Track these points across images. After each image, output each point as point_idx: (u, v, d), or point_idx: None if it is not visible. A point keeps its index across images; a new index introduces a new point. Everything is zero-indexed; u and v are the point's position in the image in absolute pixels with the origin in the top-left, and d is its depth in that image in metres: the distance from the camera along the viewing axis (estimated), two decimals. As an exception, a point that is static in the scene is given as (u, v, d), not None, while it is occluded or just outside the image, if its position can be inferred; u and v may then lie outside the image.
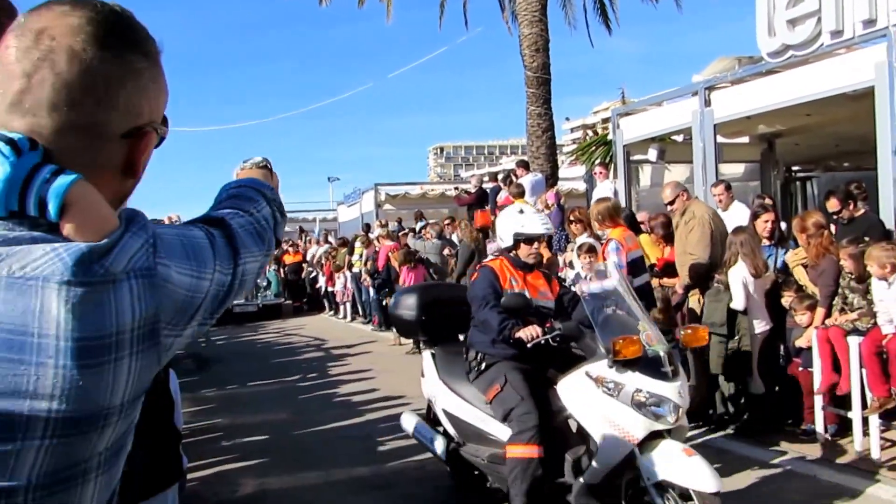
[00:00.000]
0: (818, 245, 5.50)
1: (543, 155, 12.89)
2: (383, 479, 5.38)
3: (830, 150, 11.45)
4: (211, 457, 6.20)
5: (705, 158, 8.42)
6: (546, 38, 12.87)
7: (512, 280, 4.19)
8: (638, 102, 10.59)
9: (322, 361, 11.09)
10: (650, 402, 3.52)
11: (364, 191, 19.44)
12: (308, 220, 27.42)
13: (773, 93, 7.64)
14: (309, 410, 7.83)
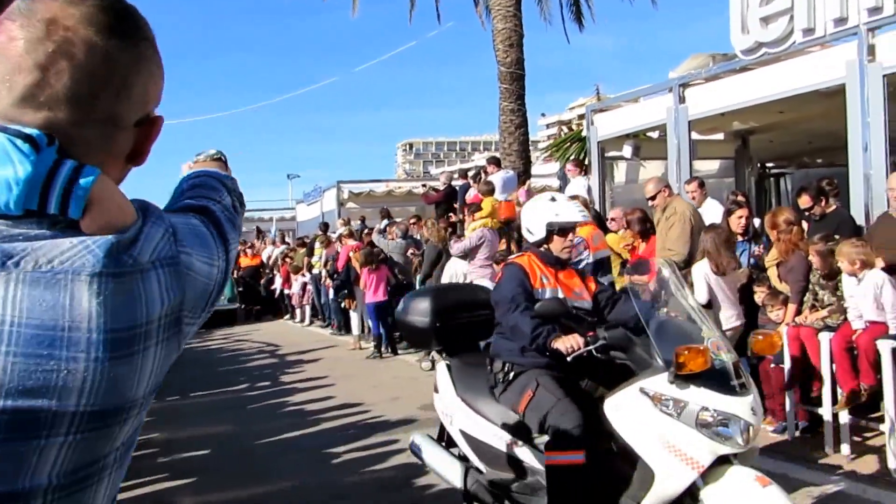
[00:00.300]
0: (788, 241, 5.76)
1: (516, 151, 13.08)
2: (336, 493, 5.34)
3: (803, 146, 11.83)
4: (146, 475, 5.95)
5: (679, 155, 8.67)
6: (520, 33, 13.07)
7: (543, 278, 3.85)
8: (613, 99, 10.82)
9: (274, 368, 11.06)
10: (717, 421, 3.11)
11: (325, 188, 19.41)
12: (264, 220, 27.27)
13: (746, 90, 7.91)
14: (257, 421, 7.74)
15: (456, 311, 4.58)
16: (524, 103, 13.36)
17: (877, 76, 6.57)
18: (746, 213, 6.63)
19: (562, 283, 3.89)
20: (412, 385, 9.04)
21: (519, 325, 3.64)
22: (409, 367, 10.34)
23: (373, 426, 7.19)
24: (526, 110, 13.40)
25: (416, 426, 6.97)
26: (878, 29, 6.64)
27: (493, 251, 8.95)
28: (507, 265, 4.09)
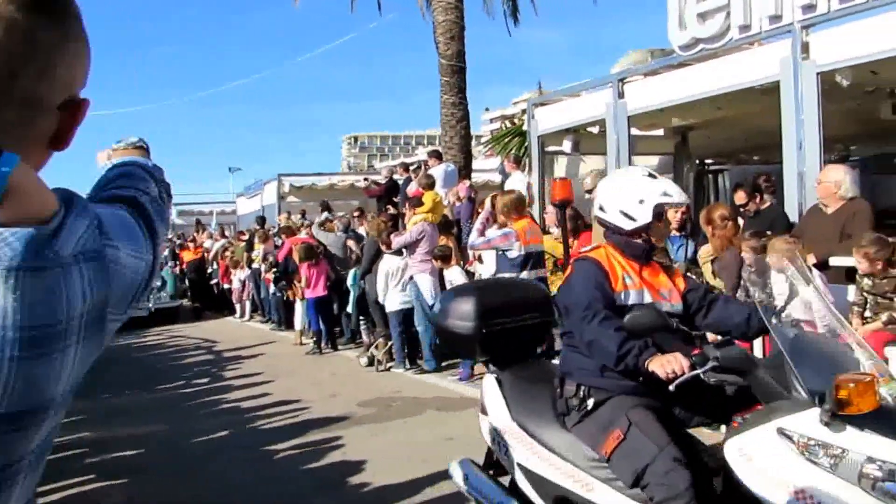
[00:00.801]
0: (722, 237, 5.77)
1: (457, 145, 12.98)
2: (270, 491, 5.28)
3: (741, 143, 12.00)
4: (73, 476, 5.82)
5: (619, 150, 8.67)
6: (461, 25, 12.96)
7: (626, 278, 3.09)
8: (553, 93, 10.80)
9: (212, 365, 10.85)
10: (887, 475, 2.36)
11: (266, 182, 19.08)
12: (205, 213, 26.76)
13: (684, 86, 7.94)
14: (192, 419, 7.60)
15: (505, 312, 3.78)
16: (465, 97, 13.26)
17: (811, 74, 6.64)
18: (683, 208, 6.63)
19: (647, 282, 3.13)
20: (351, 382, 8.98)
21: (600, 339, 2.88)
22: (349, 363, 10.23)
23: (310, 423, 7.11)
24: (467, 104, 13.32)
25: (353, 423, 6.91)
26: (813, 27, 6.71)
27: (433, 246, 8.84)
28: (580, 260, 3.23)
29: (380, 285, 9.36)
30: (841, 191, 5.66)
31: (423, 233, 9.04)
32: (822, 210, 5.83)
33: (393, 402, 7.72)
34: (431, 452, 5.83)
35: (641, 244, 3.16)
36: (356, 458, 5.86)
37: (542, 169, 10.40)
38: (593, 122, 9.74)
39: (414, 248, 9.02)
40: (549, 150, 10.53)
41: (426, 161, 11.98)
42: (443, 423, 6.74)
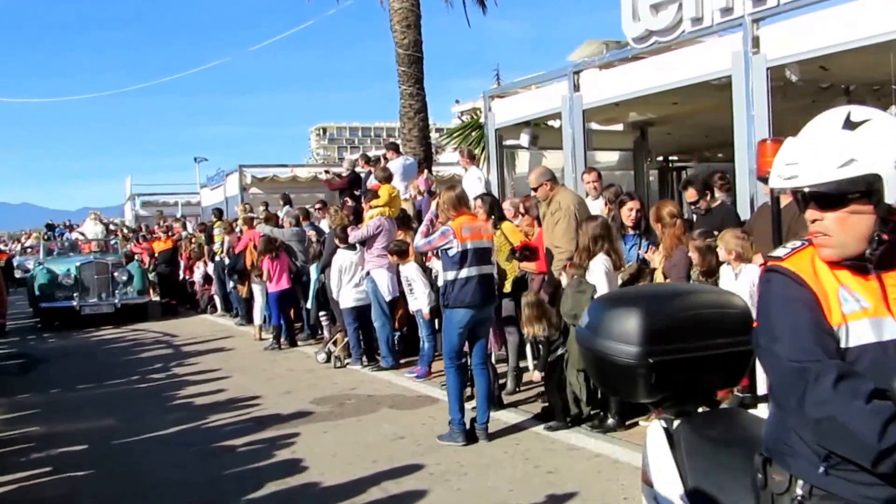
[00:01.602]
0: (671, 235, 5.70)
1: (416, 137, 12.79)
2: (214, 489, 5.19)
3: (701, 140, 12.00)
4: (17, 470, 5.83)
5: (574, 145, 8.57)
6: (417, 13, 12.73)
7: (852, 300, 1.83)
8: (509, 84, 10.64)
9: (168, 360, 10.58)
10: None
11: (228, 172, 18.76)
12: (169, 204, 26.36)
13: (639, 79, 7.85)
14: (142, 415, 7.47)
15: (686, 334, 2.52)
16: (423, 87, 13.04)
17: (761, 68, 6.59)
18: (638, 206, 6.55)
19: (891, 302, 1.83)
20: (307, 378, 8.86)
21: (842, 418, 1.71)
22: (306, 359, 10.07)
23: (261, 420, 7.01)
24: (425, 94, 13.10)
25: (306, 420, 6.81)
26: (763, 20, 6.64)
27: (390, 240, 8.68)
28: (773, 273, 1.94)
29: (333, 281, 9.20)
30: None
31: (381, 227, 8.89)
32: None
33: (347, 400, 7.60)
34: (381, 452, 5.81)
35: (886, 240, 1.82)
36: (304, 455, 5.78)
37: (501, 164, 10.25)
38: (551, 116, 9.63)
39: (371, 243, 8.87)
40: (508, 143, 10.40)
41: (384, 154, 11.79)
42: (395, 422, 6.66)
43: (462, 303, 5.79)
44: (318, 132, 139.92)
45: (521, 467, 5.26)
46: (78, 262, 15.03)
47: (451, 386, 5.99)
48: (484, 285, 5.85)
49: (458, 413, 5.89)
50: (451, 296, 5.83)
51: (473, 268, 5.73)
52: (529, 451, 5.57)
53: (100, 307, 14.60)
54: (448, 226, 5.80)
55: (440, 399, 7.38)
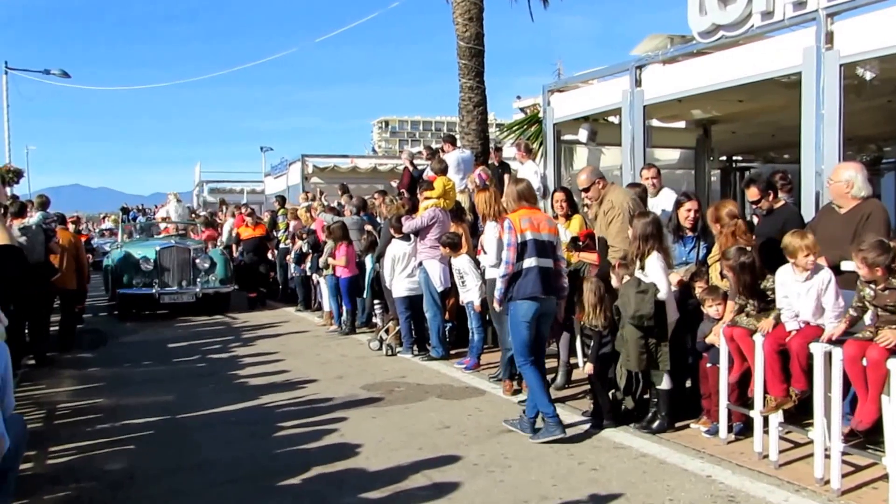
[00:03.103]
0: (728, 235, 5.47)
1: (474, 131, 12.66)
2: (263, 468, 5.24)
3: (766, 139, 11.58)
4: (84, 439, 6.09)
5: (634, 141, 8.35)
6: (480, 6, 12.56)
7: None
8: (569, 79, 10.43)
9: (228, 342, 10.78)
10: None
11: (291, 162, 19.00)
12: (235, 192, 26.87)
13: (704, 75, 7.57)
14: (200, 394, 7.64)
15: None
16: (483, 81, 12.87)
17: (833, 65, 6.27)
18: (696, 207, 6.29)
19: None
20: (359, 364, 8.90)
21: None
22: (359, 346, 10.13)
23: (312, 403, 7.08)
24: (485, 88, 12.92)
25: (354, 405, 6.87)
26: (838, 14, 6.31)
27: (444, 232, 8.63)
28: None
29: (386, 270, 9.19)
30: (853, 190, 5.31)
31: (435, 218, 8.84)
32: (836, 210, 5.50)
33: (396, 387, 7.58)
34: (427, 440, 5.78)
35: None
36: (352, 440, 5.80)
37: (559, 159, 10.06)
38: (611, 111, 9.40)
39: (425, 234, 8.82)
40: (566, 139, 10.20)
41: (441, 146, 11.71)
42: (442, 411, 6.61)
43: (524, 294, 5.61)
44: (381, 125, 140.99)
45: (566, 463, 5.15)
46: (157, 247, 13.91)
47: (533, 382, 5.71)
48: (545, 277, 5.65)
49: (548, 406, 5.62)
50: (512, 288, 5.67)
51: (532, 259, 5.58)
52: (574, 447, 5.45)
53: (180, 295, 13.50)
54: (507, 218, 5.68)
55: (487, 391, 7.31)
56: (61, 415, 6.96)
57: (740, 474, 4.81)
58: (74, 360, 9.62)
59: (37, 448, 5.64)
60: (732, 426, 5.48)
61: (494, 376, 7.74)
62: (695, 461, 5.08)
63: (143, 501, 4.68)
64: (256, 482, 4.95)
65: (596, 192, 6.56)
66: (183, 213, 20.78)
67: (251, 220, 15.39)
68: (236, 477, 5.06)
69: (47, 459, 5.57)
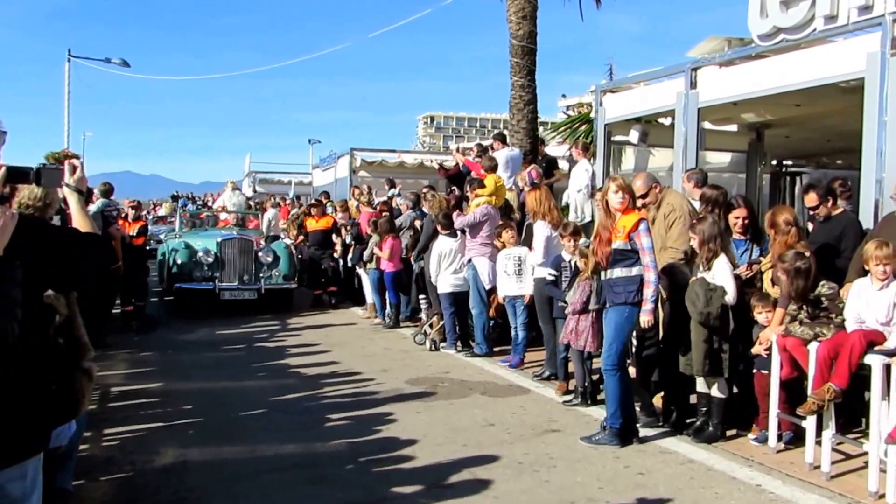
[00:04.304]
0: (783, 242, 5.35)
1: (524, 129, 12.58)
2: (310, 458, 5.30)
3: (822, 145, 11.29)
4: (137, 422, 6.22)
5: (687, 144, 8.20)
6: (534, 5, 12.46)
7: None
8: (623, 79, 10.28)
9: (275, 331, 10.91)
10: None
11: (340, 155, 19.10)
12: (283, 183, 27.11)
13: (761, 79, 7.37)
14: (248, 381, 7.76)
15: None
16: (534, 79, 12.77)
17: (898, 71, 6.07)
18: (744, 214, 6.10)
19: None
20: (402, 358, 8.94)
21: None
22: (403, 339, 10.16)
23: (356, 396, 7.13)
24: (536, 87, 12.82)
25: (398, 399, 6.90)
26: (905, 19, 6.10)
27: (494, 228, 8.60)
28: None
29: (432, 266, 9.19)
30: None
31: (487, 215, 8.82)
32: (899, 217, 5.34)
33: (441, 383, 7.59)
34: (471, 437, 5.77)
35: None
36: (396, 434, 5.82)
37: (609, 159, 9.95)
38: (663, 113, 9.26)
39: (476, 231, 8.80)
40: (617, 139, 10.08)
41: (491, 144, 11.68)
42: (486, 409, 6.59)
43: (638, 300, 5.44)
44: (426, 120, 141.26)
45: (611, 465, 5.09)
46: (219, 238, 12.62)
47: (622, 390, 5.50)
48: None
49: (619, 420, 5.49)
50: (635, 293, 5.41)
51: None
52: (620, 450, 5.39)
53: (241, 292, 12.19)
54: (645, 219, 5.51)
55: (531, 389, 7.28)
56: (116, 397, 7.11)
57: (790, 485, 4.71)
58: (124, 343, 9.81)
59: (93, 430, 5.76)
60: (782, 435, 5.37)
61: (539, 375, 7.70)
62: (743, 469, 4.99)
63: (194, 486, 4.75)
64: (303, 471, 5.00)
65: (654, 196, 6.46)
66: (239, 203, 19.81)
67: (317, 210, 13.89)
68: (284, 465, 5.11)
69: (102, 441, 5.70)
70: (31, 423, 2.25)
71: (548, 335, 7.68)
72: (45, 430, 2.33)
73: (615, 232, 5.46)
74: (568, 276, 6.99)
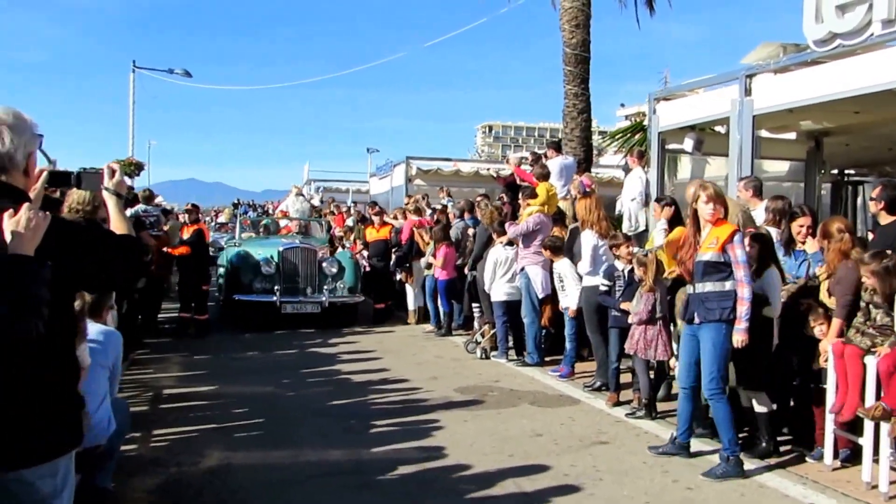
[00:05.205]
0: (836, 251, 5.16)
1: (577, 138, 12.48)
2: (355, 463, 5.32)
3: (883, 153, 10.86)
4: (186, 424, 6.35)
5: (741, 152, 7.99)
6: (587, 13, 12.42)
7: None
8: (676, 87, 10.08)
9: (327, 336, 10.95)
10: None
11: (396, 164, 19.23)
12: (341, 191, 27.44)
13: (818, 85, 7.14)
14: (299, 386, 7.85)
15: None
16: (588, 88, 12.68)
17: (961, 77, 5.82)
18: (808, 223, 5.92)
19: None
20: (453, 366, 8.92)
21: None
22: (454, 348, 10.13)
23: (405, 403, 7.16)
24: (590, 95, 12.73)
25: (447, 407, 6.89)
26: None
27: (546, 237, 8.55)
28: None
29: (487, 274, 9.16)
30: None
31: (540, 224, 8.76)
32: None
33: (490, 392, 7.55)
34: (518, 447, 5.72)
35: None
36: (443, 442, 5.81)
37: (662, 168, 9.77)
38: (718, 121, 9.06)
39: (529, 240, 8.76)
40: (671, 148, 9.89)
41: (545, 152, 11.61)
42: (535, 419, 6.53)
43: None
44: (485, 129, 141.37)
45: (659, 480, 4.98)
46: (280, 247, 11.82)
47: (728, 415, 5.10)
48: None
49: (738, 444, 5.14)
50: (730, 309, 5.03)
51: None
52: (670, 464, 5.27)
53: (303, 305, 11.38)
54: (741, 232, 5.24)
55: (581, 400, 7.18)
56: (167, 399, 7.27)
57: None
58: (176, 346, 10.02)
59: (142, 430, 5.92)
60: (839, 452, 5.17)
61: (589, 385, 7.61)
62: (797, 487, 4.82)
63: (237, 489, 4.81)
64: (349, 477, 5.02)
65: None
66: (303, 209, 18.68)
67: (378, 219, 13.05)
68: (330, 471, 5.15)
69: (150, 442, 5.82)
70: (61, 421, 2.30)
71: (597, 345, 7.58)
72: (76, 428, 2.39)
73: (706, 243, 5.09)
74: (622, 286, 6.88)
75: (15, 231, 2.10)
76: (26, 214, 2.12)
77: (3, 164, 2.26)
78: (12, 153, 2.26)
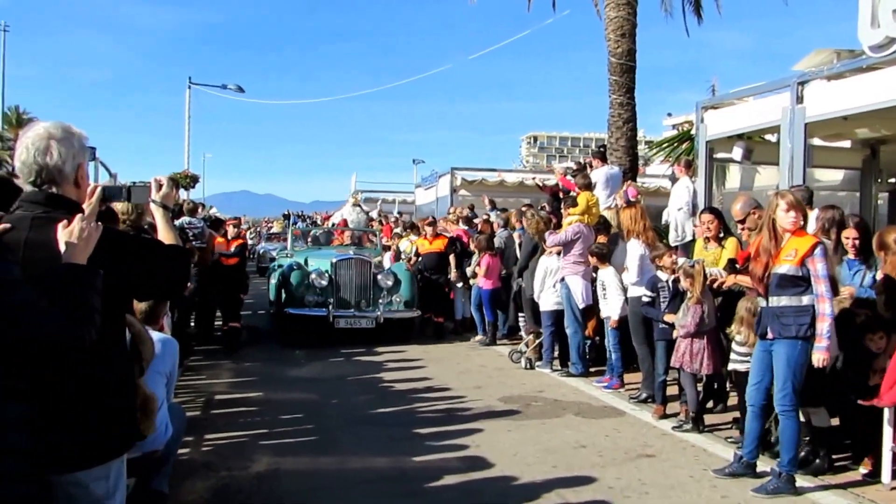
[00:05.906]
0: (893, 262, 4.97)
1: (623, 147, 12.35)
2: (400, 472, 5.32)
3: (943, 163, 10.48)
4: (236, 430, 6.43)
5: (793, 161, 7.78)
6: (633, 23, 12.29)
7: None
8: (725, 95, 9.87)
9: (372, 344, 10.94)
10: None
11: (441, 174, 19.28)
12: (388, 202, 27.64)
13: (873, 92, 6.91)
14: (345, 394, 7.87)
15: None
16: (633, 97, 12.55)
17: None
18: (854, 235, 5.67)
19: None
20: (497, 375, 8.85)
21: None
22: (499, 357, 10.06)
23: (449, 411, 7.12)
24: (635, 105, 12.60)
25: (491, 417, 6.83)
26: None
27: (587, 247, 8.43)
28: None
29: (536, 283, 9.08)
30: None
31: (579, 234, 8.66)
32: None
33: (534, 402, 7.47)
34: (562, 458, 5.64)
35: None
36: (487, 452, 5.75)
37: (711, 177, 9.57)
38: (768, 129, 8.84)
39: (569, 249, 8.66)
40: (719, 157, 9.69)
41: (590, 162, 11.49)
42: (579, 430, 6.43)
43: None
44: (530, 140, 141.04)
45: (707, 494, 4.85)
46: (333, 259, 11.29)
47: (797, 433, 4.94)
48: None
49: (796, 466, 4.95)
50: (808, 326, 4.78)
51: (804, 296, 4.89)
52: (718, 479, 5.12)
53: (357, 320, 10.82)
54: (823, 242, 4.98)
55: (627, 412, 7.05)
56: (218, 405, 7.37)
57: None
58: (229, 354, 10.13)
59: (194, 434, 6.00)
60: (895, 472, 4.96)
61: (635, 397, 7.46)
62: (851, 507, 4.65)
63: (285, 495, 4.84)
64: (393, 485, 5.01)
65: (753, 222, 6.11)
66: (359, 221, 18.15)
67: (430, 230, 12.19)
68: (374, 478, 5.15)
69: (202, 446, 5.91)
70: (114, 425, 2.35)
71: (643, 356, 7.44)
72: (128, 432, 2.44)
73: (783, 254, 4.83)
74: (667, 297, 6.74)
75: (68, 241, 2.15)
76: (79, 225, 2.17)
77: (53, 177, 2.33)
78: (61, 166, 2.33)
